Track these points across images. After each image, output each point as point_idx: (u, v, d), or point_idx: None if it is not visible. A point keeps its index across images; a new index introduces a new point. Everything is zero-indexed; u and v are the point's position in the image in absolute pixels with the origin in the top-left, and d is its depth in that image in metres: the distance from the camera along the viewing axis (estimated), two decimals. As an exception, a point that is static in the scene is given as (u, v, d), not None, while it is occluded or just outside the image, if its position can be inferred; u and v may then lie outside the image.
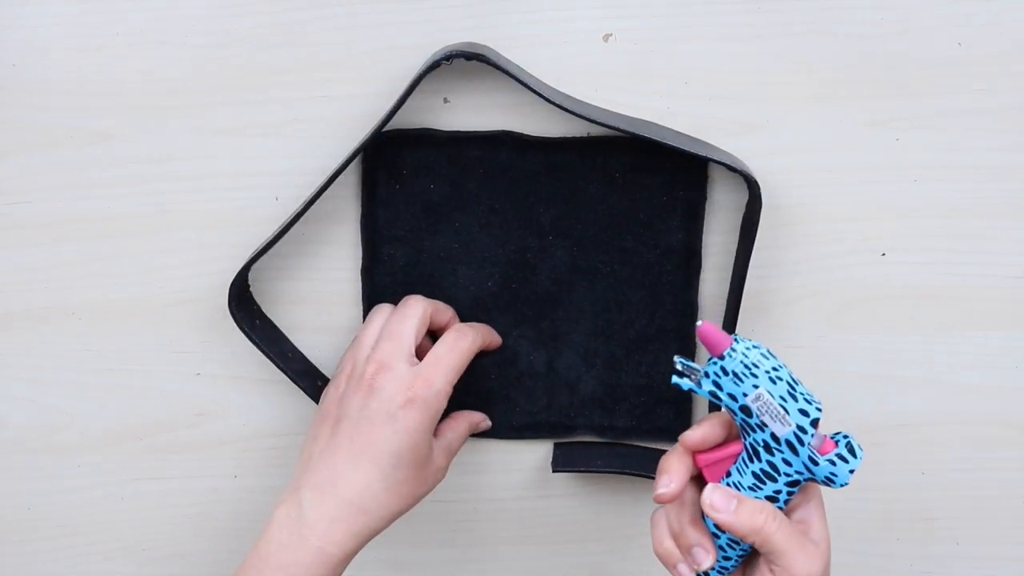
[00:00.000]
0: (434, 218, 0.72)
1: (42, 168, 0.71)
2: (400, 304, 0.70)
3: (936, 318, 0.73)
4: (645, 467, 0.73)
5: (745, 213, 0.71)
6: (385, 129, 0.69)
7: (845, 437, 0.59)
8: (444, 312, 0.71)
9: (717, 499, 0.58)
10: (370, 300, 0.73)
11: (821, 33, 0.69)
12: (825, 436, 0.59)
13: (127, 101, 0.70)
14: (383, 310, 0.71)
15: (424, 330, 0.69)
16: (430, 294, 0.72)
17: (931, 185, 0.71)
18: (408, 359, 0.67)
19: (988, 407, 0.74)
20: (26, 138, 0.71)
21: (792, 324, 0.73)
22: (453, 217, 0.72)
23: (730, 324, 0.71)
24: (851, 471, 0.58)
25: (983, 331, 0.73)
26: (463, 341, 0.69)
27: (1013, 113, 0.70)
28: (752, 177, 0.68)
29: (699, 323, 0.57)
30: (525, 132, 0.70)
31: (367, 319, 0.71)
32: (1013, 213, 0.72)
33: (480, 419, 0.74)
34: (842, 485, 0.59)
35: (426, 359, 0.67)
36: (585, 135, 0.70)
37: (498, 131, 0.70)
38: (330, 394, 0.69)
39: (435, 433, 0.69)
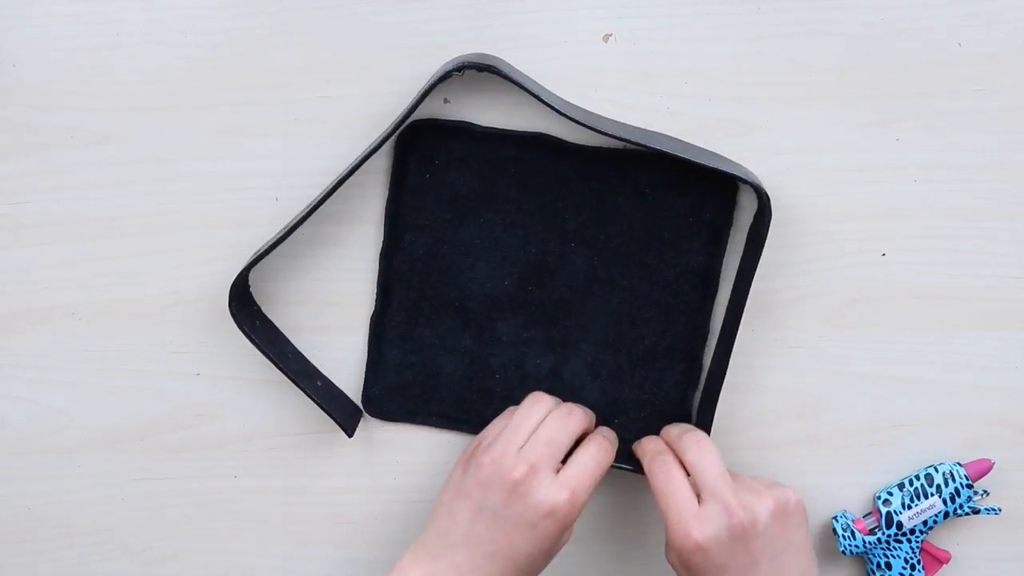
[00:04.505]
0: (460, 211, 0.72)
1: (42, 168, 0.71)
2: (563, 406, 0.70)
3: (936, 318, 0.73)
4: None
5: (752, 224, 0.71)
6: (422, 119, 0.69)
7: None
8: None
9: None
10: (384, 286, 0.73)
11: (821, 33, 0.69)
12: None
13: (127, 101, 0.70)
14: (545, 402, 0.70)
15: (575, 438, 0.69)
16: (446, 286, 0.72)
17: (931, 185, 0.71)
18: (555, 467, 0.67)
19: (988, 407, 0.74)
20: (26, 138, 0.71)
21: (792, 324, 0.73)
22: (479, 213, 0.72)
23: (729, 330, 0.71)
24: None
25: (983, 331, 0.73)
26: (606, 455, 0.69)
27: (1013, 113, 0.70)
28: (763, 189, 0.68)
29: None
30: (550, 134, 0.70)
31: (528, 401, 0.70)
32: (1013, 213, 0.72)
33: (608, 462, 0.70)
34: None
35: (572, 468, 0.67)
36: (621, 147, 0.70)
37: (534, 133, 0.70)
38: (472, 469, 0.68)
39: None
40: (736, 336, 0.70)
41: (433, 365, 0.74)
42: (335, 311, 0.74)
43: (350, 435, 0.73)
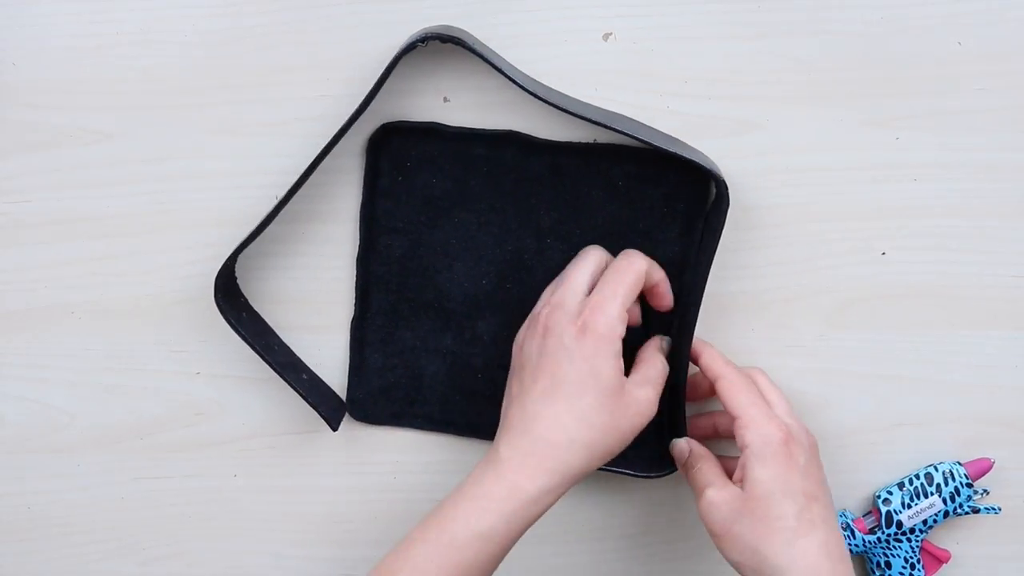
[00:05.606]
0: (434, 212, 0.72)
1: (42, 168, 0.71)
2: (580, 254, 0.70)
3: (936, 318, 0.73)
4: (639, 467, 0.73)
5: (710, 211, 0.70)
6: (393, 121, 0.69)
7: None
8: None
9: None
10: (363, 290, 0.73)
11: (821, 33, 0.69)
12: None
13: (127, 100, 0.70)
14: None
15: (598, 274, 0.69)
16: (424, 288, 0.72)
17: (931, 185, 0.71)
18: (579, 296, 0.67)
19: (988, 407, 0.74)
20: (26, 138, 0.71)
21: (792, 324, 0.73)
22: (453, 213, 0.72)
23: (688, 328, 0.70)
24: None
25: (983, 331, 0.73)
26: (633, 264, 0.68)
27: (1013, 113, 0.70)
28: (720, 177, 0.68)
29: None
30: (527, 132, 0.70)
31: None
32: (1013, 213, 0.72)
33: (661, 340, 0.72)
34: None
35: (595, 288, 0.67)
36: (592, 141, 0.70)
37: (505, 131, 0.70)
38: (514, 347, 0.70)
39: (633, 366, 0.69)
40: (694, 333, 0.70)
41: (415, 367, 0.74)
42: (329, 309, 0.74)
43: (335, 428, 0.73)
